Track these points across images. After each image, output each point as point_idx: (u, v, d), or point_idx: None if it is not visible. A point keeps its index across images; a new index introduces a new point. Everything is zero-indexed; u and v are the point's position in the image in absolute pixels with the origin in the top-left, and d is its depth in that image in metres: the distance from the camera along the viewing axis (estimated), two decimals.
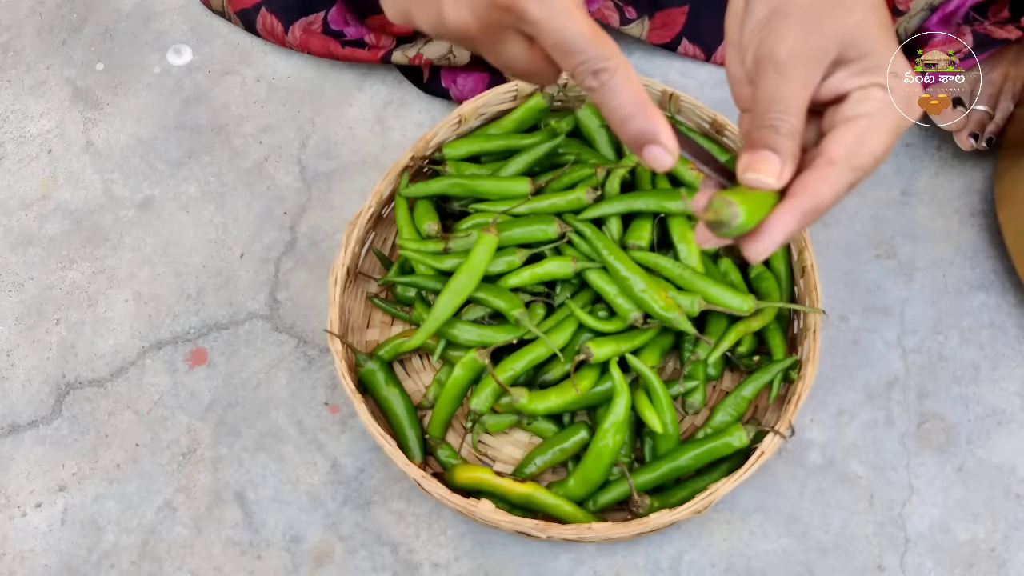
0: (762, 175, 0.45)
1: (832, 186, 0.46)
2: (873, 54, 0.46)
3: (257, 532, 0.80)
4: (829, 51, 0.46)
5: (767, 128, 0.46)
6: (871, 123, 0.46)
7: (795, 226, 0.46)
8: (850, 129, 0.46)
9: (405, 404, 0.78)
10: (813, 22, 0.46)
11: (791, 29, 0.46)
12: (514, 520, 0.70)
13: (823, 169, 0.46)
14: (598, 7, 0.91)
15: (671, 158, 0.45)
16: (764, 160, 0.45)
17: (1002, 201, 0.85)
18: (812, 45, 0.46)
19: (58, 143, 0.95)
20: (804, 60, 0.46)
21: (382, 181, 0.81)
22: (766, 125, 0.46)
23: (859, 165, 0.46)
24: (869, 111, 0.46)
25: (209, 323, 0.87)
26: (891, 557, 0.78)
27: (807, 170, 0.46)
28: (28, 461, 0.83)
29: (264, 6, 0.95)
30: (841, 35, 0.46)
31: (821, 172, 0.46)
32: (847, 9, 0.46)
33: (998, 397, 0.83)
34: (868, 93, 0.47)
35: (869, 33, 0.46)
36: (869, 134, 0.46)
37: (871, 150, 0.46)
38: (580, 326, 0.78)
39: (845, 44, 0.46)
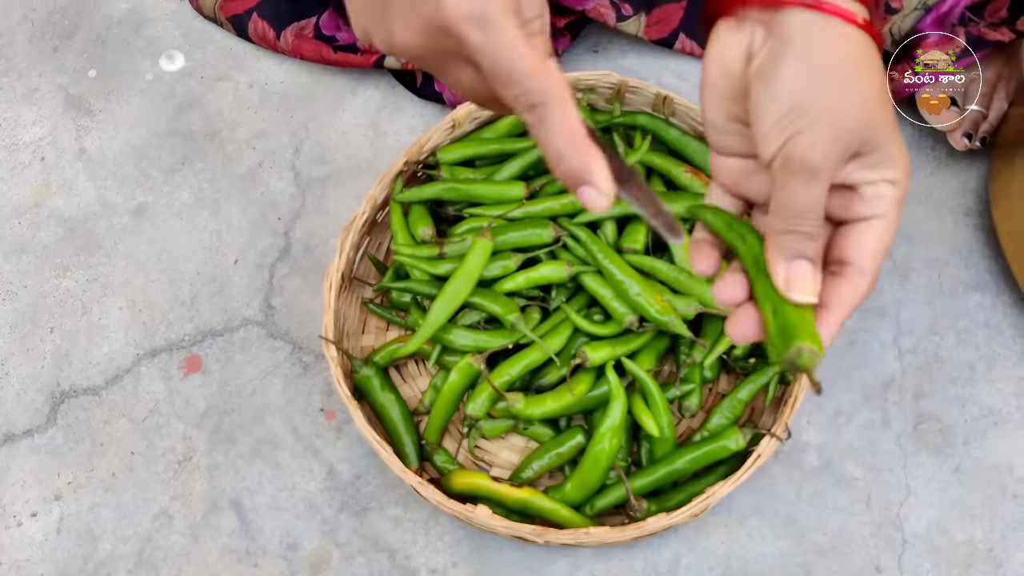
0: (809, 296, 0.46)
1: (863, 295, 0.47)
2: (882, 148, 0.46)
3: (254, 540, 0.80)
4: (852, 150, 0.46)
5: (802, 235, 0.46)
6: (886, 224, 0.47)
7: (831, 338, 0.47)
8: (871, 232, 0.47)
9: (401, 410, 0.78)
10: (840, 124, 0.45)
11: (822, 133, 0.45)
12: (511, 525, 0.70)
13: (856, 280, 0.47)
14: (594, 5, 0.91)
15: (604, 200, 0.44)
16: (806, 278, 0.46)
17: (997, 201, 0.85)
18: (840, 148, 0.45)
19: (51, 150, 0.94)
20: (835, 165, 0.46)
21: (376, 186, 0.81)
22: (800, 231, 0.46)
23: (880, 265, 0.48)
24: (882, 212, 0.47)
25: (204, 330, 0.87)
26: (888, 558, 0.78)
27: (840, 280, 0.47)
28: (23, 470, 0.82)
29: (256, 12, 0.95)
30: (861, 133, 0.46)
31: (855, 283, 0.47)
32: (865, 107, 0.46)
33: (994, 397, 0.83)
34: (878, 190, 0.47)
35: (881, 129, 0.46)
36: (886, 235, 0.48)
37: (887, 247, 0.48)
38: (576, 330, 0.78)
39: (863, 141, 0.46)
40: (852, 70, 0.45)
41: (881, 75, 0.47)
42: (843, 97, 0.45)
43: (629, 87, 0.84)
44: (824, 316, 0.47)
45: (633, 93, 0.85)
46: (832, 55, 0.45)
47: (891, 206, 0.47)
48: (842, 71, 0.45)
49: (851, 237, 0.48)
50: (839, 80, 0.45)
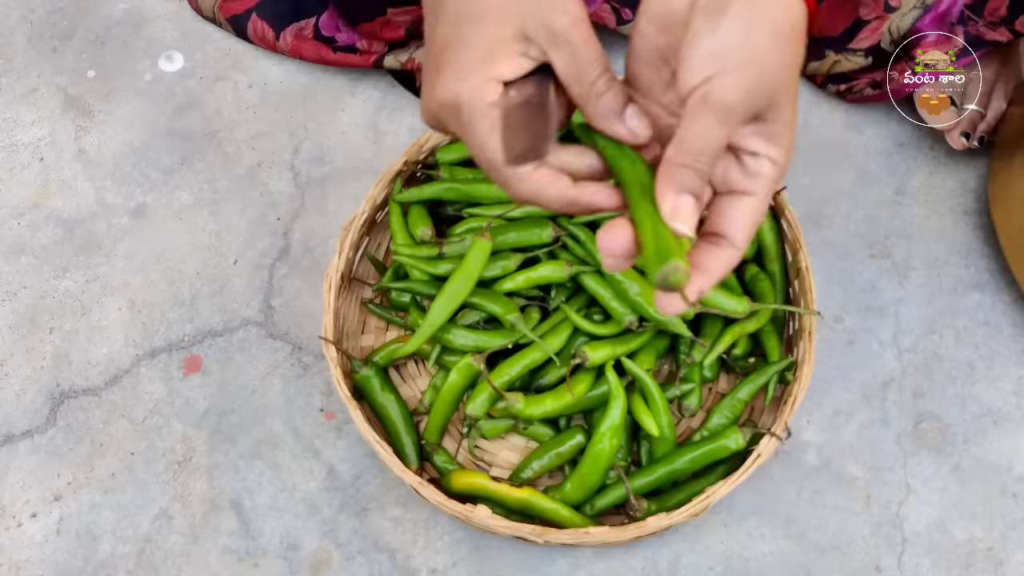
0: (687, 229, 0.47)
1: (731, 266, 0.49)
2: (780, 121, 0.47)
3: (254, 540, 0.80)
4: (759, 109, 0.47)
5: (696, 172, 0.47)
6: (756, 204, 0.48)
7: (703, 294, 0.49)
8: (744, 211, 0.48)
9: (401, 410, 0.78)
10: (763, 77, 0.46)
11: (746, 78, 0.46)
12: (511, 525, 0.70)
13: (728, 251, 0.48)
14: (595, 9, 0.91)
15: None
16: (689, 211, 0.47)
17: (996, 200, 0.85)
18: (756, 100, 0.46)
19: (50, 151, 0.94)
20: (745, 115, 0.46)
21: (376, 186, 0.81)
22: (696, 168, 0.47)
23: (749, 242, 0.49)
24: (756, 190, 0.48)
25: (203, 330, 0.87)
26: (889, 557, 0.78)
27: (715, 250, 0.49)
28: (23, 471, 0.82)
29: (255, 12, 0.95)
30: (774, 94, 0.46)
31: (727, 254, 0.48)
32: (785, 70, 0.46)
33: (994, 396, 0.83)
34: (760, 166, 0.48)
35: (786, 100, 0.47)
36: (758, 213, 0.49)
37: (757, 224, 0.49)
38: (575, 330, 0.78)
39: (769, 102, 0.47)
40: (786, 31, 0.46)
41: (802, 47, 0.48)
42: (773, 53, 0.46)
43: None
44: (696, 276, 0.48)
45: None
46: (773, 11, 0.46)
47: (765, 186, 0.48)
48: (778, 29, 0.46)
49: (727, 212, 0.49)
50: (774, 36, 0.46)
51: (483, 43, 0.47)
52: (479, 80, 0.47)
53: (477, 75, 0.47)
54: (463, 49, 0.48)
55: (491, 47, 0.47)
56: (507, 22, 0.47)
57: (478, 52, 0.47)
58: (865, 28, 0.86)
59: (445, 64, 0.48)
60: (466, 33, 0.48)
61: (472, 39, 0.47)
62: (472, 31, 0.47)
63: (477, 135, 0.48)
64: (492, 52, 0.47)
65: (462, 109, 0.47)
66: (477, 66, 0.47)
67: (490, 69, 0.47)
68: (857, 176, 0.91)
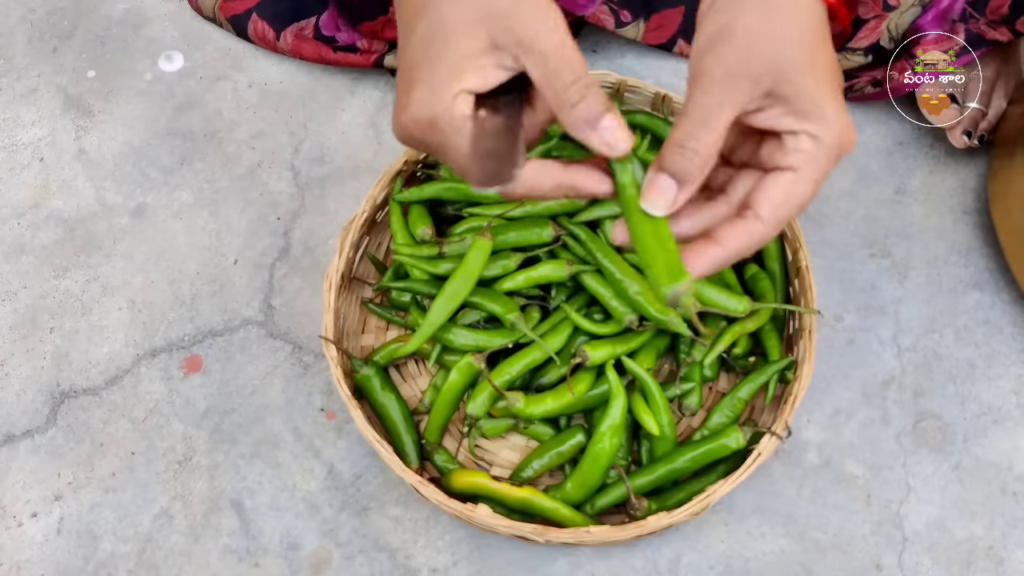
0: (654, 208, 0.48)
1: (755, 241, 0.49)
2: (804, 96, 0.48)
3: (254, 540, 0.80)
4: (761, 80, 0.47)
5: (677, 148, 0.48)
6: (798, 178, 0.48)
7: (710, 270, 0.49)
8: (779, 184, 0.48)
9: (401, 409, 0.78)
10: (752, 48, 0.47)
11: (731, 50, 0.47)
12: (512, 524, 0.70)
13: (750, 224, 0.49)
14: (593, 11, 0.91)
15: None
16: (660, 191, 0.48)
17: (995, 199, 0.85)
18: (745, 69, 0.47)
19: (50, 151, 0.94)
20: (734, 82, 0.47)
21: (376, 186, 0.81)
22: (679, 143, 0.48)
23: (784, 217, 0.49)
24: (796, 164, 0.48)
25: (203, 330, 0.87)
26: (889, 556, 0.78)
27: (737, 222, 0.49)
28: (23, 471, 0.82)
29: (255, 12, 0.95)
30: (776, 67, 0.47)
31: (748, 227, 0.49)
32: (786, 44, 0.47)
33: (994, 395, 0.83)
34: (798, 142, 0.48)
35: (803, 73, 0.48)
36: (795, 189, 0.49)
37: (796, 203, 0.49)
38: (576, 329, 0.78)
39: (778, 79, 0.47)
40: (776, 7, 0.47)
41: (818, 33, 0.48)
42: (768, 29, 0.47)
43: (628, 86, 0.84)
44: (709, 247, 0.49)
45: (632, 92, 0.85)
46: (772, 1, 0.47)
47: (806, 161, 0.48)
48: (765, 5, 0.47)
49: (762, 185, 0.49)
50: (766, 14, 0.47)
51: (453, 58, 0.48)
52: (451, 94, 0.48)
53: (449, 90, 0.48)
54: (434, 66, 0.48)
55: (461, 61, 0.48)
56: (476, 35, 0.48)
57: (449, 67, 0.48)
58: (864, 27, 0.86)
59: (416, 81, 0.48)
60: (437, 50, 0.48)
61: (442, 55, 0.48)
62: (442, 47, 0.48)
63: (455, 148, 0.48)
64: (462, 66, 0.48)
65: (437, 124, 0.48)
66: (449, 81, 0.48)
67: (461, 82, 0.48)
68: (857, 175, 0.92)
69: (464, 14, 0.48)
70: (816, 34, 0.49)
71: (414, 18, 0.49)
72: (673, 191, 0.48)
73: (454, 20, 0.48)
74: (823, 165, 0.49)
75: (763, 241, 0.49)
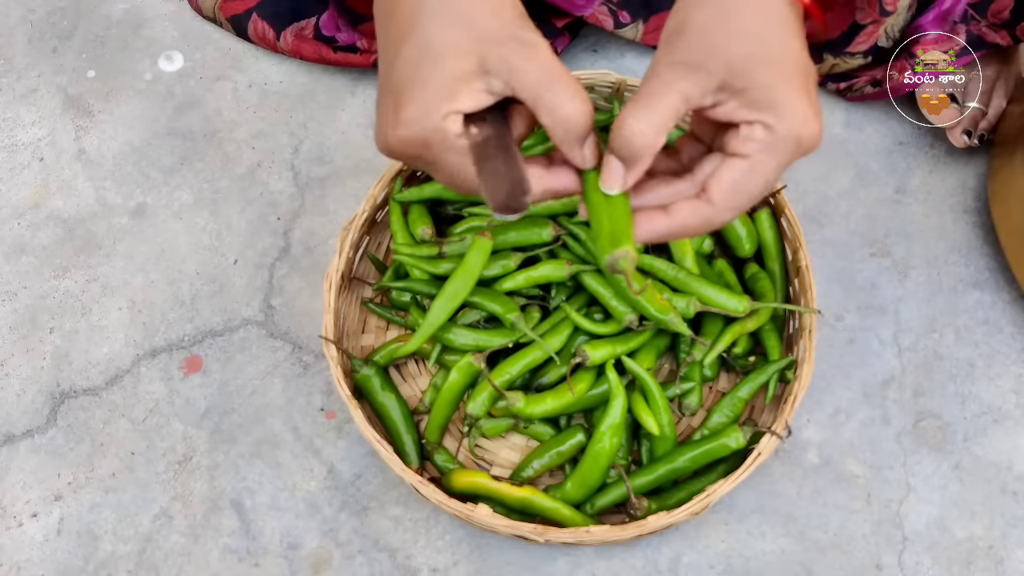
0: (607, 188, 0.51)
1: (702, 220, 0.52)
2: (758, 87, 0.49)
3: (254, 539, 0.80)
4: (713, 72, 0.49)
5: (618, 128, 0.50)
6: (749, 165, 0.50)
7: (653, 238, 0.52)
8: (731, 170, 0.51)
9: (401, 409, 0.78)
10: (703, 42, 0.49)
11: (684, 43, 0.50)
12: (512, 524, 0.70)
13: (701, 205, 0.51)
14: (592, 11, 0.91)
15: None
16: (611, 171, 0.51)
17: (995, 198, 0.85)
18: (696, 60, 0.49)
19: (50, 151, 0.94)
20: (683, 71, 0.49)
21: (376, 185, 0.81)
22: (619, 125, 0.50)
23: (734, 205, 0.51)
24: (748, 152, 0.50)
25: (203, 330, 0.87)
26: (889, 556, 0.78)
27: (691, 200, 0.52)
28: (23, 471, 0.82)
29: (255, 12, 0.95)
30: (727, 60, 0.49)
31: (698, 207, 0.51)
32: (741, 38, 0.49)
33: (994, 394, 0.83)
34: (752, 132, 0.50)
35: (758, 66, 0.49)
36: (747, 177, 0.50)
37: (747, 191, 0.51)
38: (576, 329, 0.78)
39: (731, 71, 0.49)
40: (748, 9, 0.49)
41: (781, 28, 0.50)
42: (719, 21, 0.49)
43: (628, 86, 0.84)
44: (657, 216, 0.52)
45: (632, 92, 0.85)
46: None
47: (758, 150, 0.50)
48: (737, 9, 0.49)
49: (717, 170, 0.52)
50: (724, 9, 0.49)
51: (444, 79, 0.49)
52: (442, 114, 0.49)
53: (440, 110, 0.49)
54: (424, 86, 0.49)
55: (452, 83, 0.49)
56: (466, 58, 0.49)
57: (440, 88, 0.49)
58: (862, 32, 0.86)
59: (405, 102, 0.50)
60: (426, 71, 0.49)
61: (433, 76, 0.49)
62: (431, 69, 0.49)
63: (449, 165, 0.50)
64: (453, 88, 0.49)
65: (430, 144, 0.50)
66: (440, 102, 0.49)
67: (452, 103, 0.49)
68: (857, 175, 0.92)
69: (452, 37, 0.49)
70: (778, 29, 0.50)
71: (399, 40, 0.51)
72: (621, 172, 0.51)
73: (442, 43, 0.49)
74: (776, 155, 0.50)
75: (711, 222, 0.52)
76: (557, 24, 0.92)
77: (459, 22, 0.49)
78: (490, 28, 0.49)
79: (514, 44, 0.49)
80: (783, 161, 0.50)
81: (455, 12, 0.49)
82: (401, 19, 0.50)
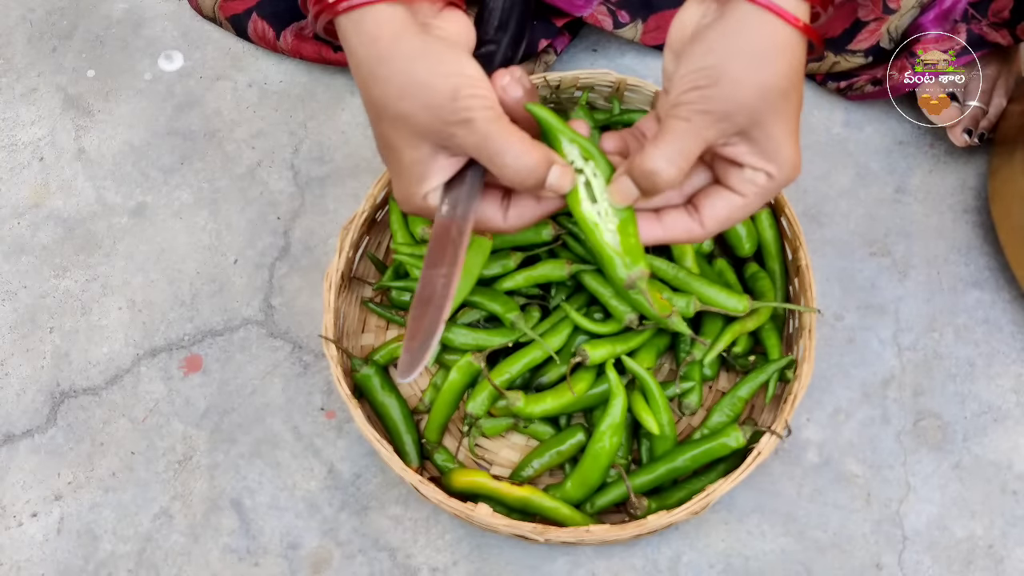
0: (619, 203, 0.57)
1: (691, 238, 0.58)
2: (772, 140, 0.54)
3: (254, 539, 0.80)
4: (737, 123, 0.53)
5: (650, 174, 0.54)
6: (744, 203, 0.57)
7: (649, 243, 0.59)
8: (728, 204, 0.57)
9: (401, 409, 0.78)
10: (735, 96, 0.52)
11: (716, 93, 0.52)
12: (512, 524, 0.70)
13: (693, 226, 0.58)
14: (591, 12, 0.91)
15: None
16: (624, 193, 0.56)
17: (995, 198, 0.85)
18: (725, 112, 0.53)
19: (50, 151, 0.94)
20: (713, 122, 0.53)
21: (376, 185, 0.81)
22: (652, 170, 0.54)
23: (717, 229, 0.58)
24: (747, 193, 0.56)
25: (203, 330, 0.87)
26: (889, 555, 0.78)
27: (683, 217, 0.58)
28: (23, 471, 0.82)
29: (255, 11, 0.95)
30: (753, 114, 0.53)
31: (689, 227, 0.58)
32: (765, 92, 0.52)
33: (994, 394, 0.83)
34: (755, 177, 0.56)
35: (774, 120, 0.53)
36: (739, 211, 0.57)
37: (734, 220, 0.57)
38: (576, 328, 0.78)
39: (752, 123, 0.53)
40: (763, 56, 0.52)
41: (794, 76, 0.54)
42: (749, 76, 0.52)
43: (628, 85, 0.84)
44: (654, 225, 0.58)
45: (632, 91, 0.85)
46: (751, 39, 0.52)
47: (757, 193, 0.56)
48: (753, 54, 0.52)
49: (714, 196, 0.57)
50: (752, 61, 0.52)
51: (409, 166, 0.56)
52: (420, 197, 0.56)
53: (417, 195, 0.56)
54: (397, 174, 0.57)
55: (417, 168, 0.55)
56: (419, 147, 0.55)
57: (410, 175, 0.56)
58: (864, 29, 0.86)
59: (393, 183, 0.58)
60: (394, 159, 0.56)
61: (400, 166, 0.56)
62: (397, 159, 0.56)
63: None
64: (421, 172, 0.56)
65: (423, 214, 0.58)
66: (413, 188, 0.56)
67: (424, 185, 0.56)
68: (857, 174, 0.92)
69: (401, 134, 0.55)
70: (793, 78, 0.54)
71: (373, 120, 0.57)
72: (635, 194, 0.56)
73: (395, 139, 0.55)
74: (769, 197, 0.57)
75: (695, 239, 0.58)
76: (557, 24, 0.92)
77: (399, 121, 0.54)
78: (424, 121, 0.53)
79: (449, 128, 0.53)
80: (770, 198, 0.57)
81: (393, 113, 0.54)
82: (364, 93, 0.56)
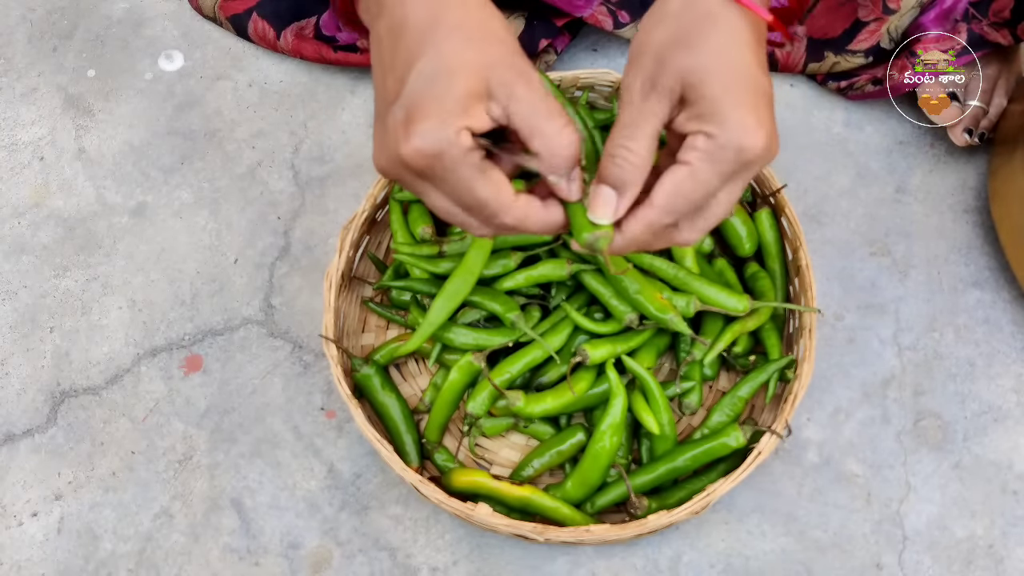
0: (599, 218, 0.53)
1: (646, 227, 0.53)
2: (706, 100, 0.51)
3: (255, 539, 0.80)
4: (674, 89, 0.52)
5: (609, 158, 0.52)
6: (690, 172, 0.52)
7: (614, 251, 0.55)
8: (673, 176, 0.52)
9: (401, 408, 0.78)
10: (661, 60, 0.52)
11: (646, 64, 0.52)
12: (512, 523, 0.70)
13: (644, 211, 0.53)
14: (592, 12, 0.91)
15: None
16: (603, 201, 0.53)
17: (996, 198, 0.85)
18: (658, 81, 0.52)
19: (50, 150, 0.94)
20: (650, 94, 0.52)
21: (376, 185, 0.81)
22: (610, 154, 0.52)
23: (675, 209, 0.53)
24: (690, 159, 0.52)
25: (204, 329, 0.87)
26: (889, 555, 0.78)
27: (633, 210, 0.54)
28: (24, 470, 0.82)
29: (256, 11, 0.95)
30: (682, 76, 0.51)
31: (641, 214, 0.53)
32: (690, 52, 0.51)
33: (994, 394, 0.83)
34: (695, 141, 0.52)
35: (706, 79, 0.51)
36: (687, 183, 0.52)
37: (687, 197, 0.52)
38: (576, 328, 0.78)
39: (685, 85, 0.51)
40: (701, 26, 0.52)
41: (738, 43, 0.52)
42: (673, 40, 0.52)
43: None
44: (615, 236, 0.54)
45: None
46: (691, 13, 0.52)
47: (699, 158, 0.51)
48: (690, 26, 0.52)
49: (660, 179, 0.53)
50: (679, 28, 0.52)
51: (458, 96, 0.50)
52: (457, 129, 0.50)
53: (456, 124, 0.50)
54: (441, 101, 0.51)
55: (467, 100, 0.51)
56: (478, 79, 0.51)
57: (456, 104, 0.50)
58: (864, 30, 0.86)
59: (422, 116, 0.50)
60: (442, 87, 0.51)
61: (449, 92, 0.51)
62: (448, 85, 0.51)
63: (462, 178, 0.51)
64: (468, 104, 0.51)
65: (443, 156, 0.50)
66: (455, 117, 0.50)
67: (466, 119, 0.51)
68: (857, 174, 0.92)
69: (467, 57, 0.51)
70: (731, 44, 0.52)
71: (410, 58, 0.52)
72: (614, 200, 0.53)
73: (458, 61, 0.51)
74: (717, 164, 0.51)
75: (653, 224, 0.53)
76: (557, 24, 0.92)
77: (471, 43, 0.51)
78: (497, 54, 0.51)
79: (514, 72, 0.51)
80: (725, 170, 0.52)
81: (468, 34, 0.51)
82: (412, 37, 0.52)
